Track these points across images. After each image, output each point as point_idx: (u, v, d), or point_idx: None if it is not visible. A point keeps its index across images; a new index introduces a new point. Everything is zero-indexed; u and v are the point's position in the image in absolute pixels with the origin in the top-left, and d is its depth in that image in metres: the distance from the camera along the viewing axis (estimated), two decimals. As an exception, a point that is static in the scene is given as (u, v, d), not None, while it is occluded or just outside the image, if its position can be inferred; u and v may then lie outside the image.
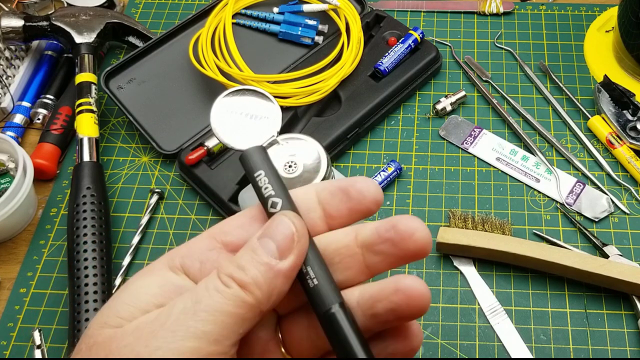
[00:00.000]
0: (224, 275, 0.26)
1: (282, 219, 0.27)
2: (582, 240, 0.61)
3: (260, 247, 0.26)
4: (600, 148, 0.68)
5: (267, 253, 0.26)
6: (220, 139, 0.49)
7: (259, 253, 0.26)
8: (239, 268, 0.26)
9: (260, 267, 0.26)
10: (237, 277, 0.26)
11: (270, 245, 0.26)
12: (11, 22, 0.72)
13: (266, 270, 0.26)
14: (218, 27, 0.72)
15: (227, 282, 0.26)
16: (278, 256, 0.26)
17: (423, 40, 0.72)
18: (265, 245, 0.26)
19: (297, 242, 0.27)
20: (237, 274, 0.26)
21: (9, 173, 0.64)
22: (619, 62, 0.74)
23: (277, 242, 0.27)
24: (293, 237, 0.27)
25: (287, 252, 0.27)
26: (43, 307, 0.60)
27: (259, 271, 0.26)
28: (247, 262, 0.26)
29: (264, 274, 0.26)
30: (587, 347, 0.56)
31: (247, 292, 0.26)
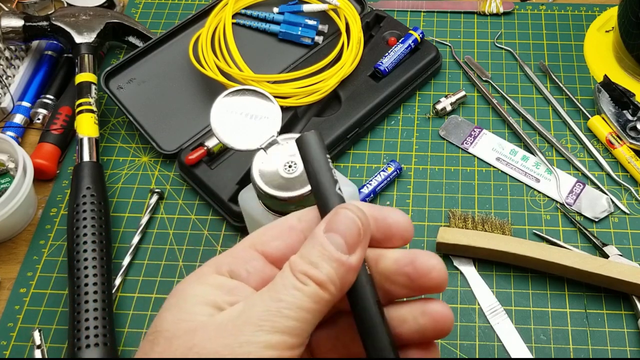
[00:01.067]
0: (299, 273, 0.27)
1: (346, 212, 0.28)
2: (582, 240, 0.61)
3: (328, 243, 0.27)
4: (600, 148, 0.68)
5: (336, 248, 0.27)
6: (220, 139, 0.49)
7: (329, 249, 0.27)
8: (312, 265, 0.27)
9: (332, 264, 0.27)
10: (313, 274, 0.27)
11: (338, 241, 0.27)
12: (11, 22, 0.72)
13: (338, 266, 0.27)
14: (218, 27, 0.72)
15: (304, 280, 0.27)
16: (347, 251, 0.27)
17: (423, 40, 0.72)
18: (334, 240, 0.27)
19: (363, 237, 0.28)
20: (312, 272, 0.27)
21: (9, 173, 0.64)
22: (619, 62, 0.74)
23: (345, 237, 0.27)
24: (359, 231, 0.28)
25: (354, 247, 0.27)
26: (43, 307, 0.60)
27: (332, 267, 0.27)
28: (319, 258, 0.27)
29: (336, 269, 0.27)
30: (587, 347, 0.56)
31: (324, 289, 0.27)
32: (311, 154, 0.30)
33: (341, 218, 0.28)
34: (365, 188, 0.64)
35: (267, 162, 0.47)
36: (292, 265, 0.27)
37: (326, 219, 0.28)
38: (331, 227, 0.28)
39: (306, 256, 0.27)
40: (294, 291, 0.26)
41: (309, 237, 0.28)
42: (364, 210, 0.28)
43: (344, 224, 0.27)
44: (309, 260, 0.27)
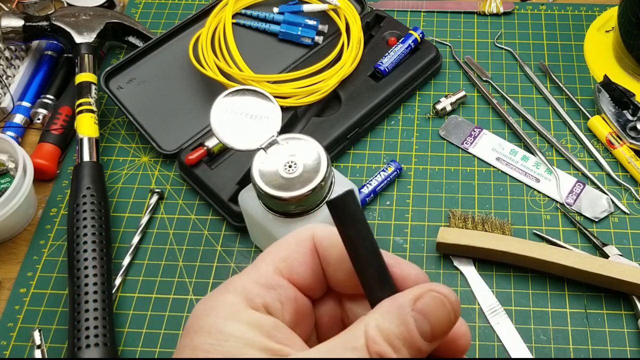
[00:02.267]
0: (376, 354, 0.24)
1: (443, 301, 0.25)
2: (582, 240, 0.61)
3: (415, 328, 0.25)
4: (600, 148, 0.68)
5: (422, 336, 0.25)
6: (220, 139, 0.49)
7: (415, 336, 0.25)
8: (392, 348, 0.24)
9: (411, 351, 0.25)
10: (389, 357, 0.24)
11: (426, 328, 0.25)
12: (11, 22, 0.72)
13: (416, 354, 0.25)
14: (218, 27, 0.72)
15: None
16: (430, 339, 0.25)
17: (423, 40, 0.72)
18: (422, 326, 0.25)
19: (450, 329, 0.26)
20: (390, 356, 0.24)
21: (9, 173, 0.64)
22: (619, 62, 0.74)
23: (434, 327, 0.25)
24: (450, 324, 0.25)
25: (438, 338, 0.25)
26: (43, 307, 0.60)
27: (409, 354, 0.25)
28: (401, 342, 0.25)
29: (412, 356, 0.25)
30: (587, 347, 0.56)
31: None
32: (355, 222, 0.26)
33: (436, 303, 0.25)
34: (365, 188, 0.64)
35: (267, 162, 0.47)
36: (369, 340, 0.24)
37: (416, 294, 0.25)
38: (423, 309, 0.25)
39: (387, 333, 0.24)
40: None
41: (391, 302, 0.25)
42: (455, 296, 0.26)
43: (439, 313, 0.25)
44: (389, 340, 0.24)
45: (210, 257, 0.62)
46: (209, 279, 0.61)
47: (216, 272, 0.61)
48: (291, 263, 0.28)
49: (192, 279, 0.61)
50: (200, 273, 0.61)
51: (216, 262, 0.62)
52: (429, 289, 0.25)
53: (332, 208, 0.26)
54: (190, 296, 0.60)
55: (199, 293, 0.60)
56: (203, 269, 0.61)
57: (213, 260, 0.62)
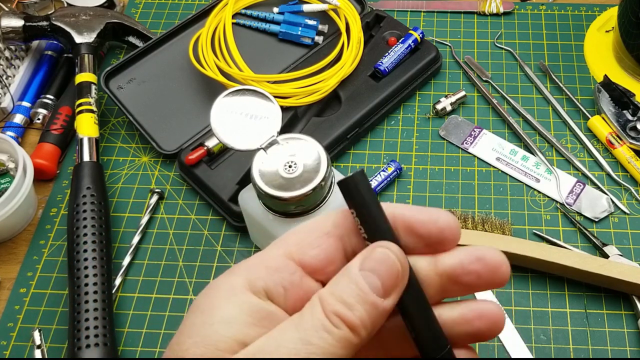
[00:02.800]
0: (332, 314, 0.25)
1: (387, 253, 0.26)
2: (582, 240, 0.61)
3: (365, 284, 0.25)
4: (600, 148, 0.68)
5: (372, 290, 0.25)
6: (220, 139, 0.49)
7: (365, 290, 0.25)
8: (346, 306, 0.25)
9: (366, 306, 0.25)
10: (346, 317, 0.25)
11: (375, 282, 0.25)
12: (11, 22, 0.72)
13: (372, 309, 0.25)
14: (218, 27, 0.72)
15: (336, 323, 0.25)
16: (382, 294, 0.25)
17: (423, 40, 0.72)
18: (371, 281, 0.25)
19: (401, 281, 0.26)
20: (345, 314, 0.25)
21: (9, 173, 0.64)
22: (619, 62, 0.74)
23: (382, 279, 0.25)
24: (398, 275, 0.26)
25: (390, 290, 0.26)
26: (43, 307, 0.60)
27: (365, 311, 0.25)
28: (353, 299, 0.25)
29: (370, 313, 0.25)
30: (587, 347, 0.56)
31: (355, 334, 0.25)
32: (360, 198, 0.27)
33: (380, 257, 0.26)
34: (365, 188, 0.64)
35: (267, 162, 0.47)
36: (323, 303, 0.25)
37: (362, 255, 0.26)
38: (368, 265, 0.26)
39: (339, 294, 0.25)
40: (325, 334, 0.25)
41: (342, 270, 0.26)
42: (404, 254, 0.26)
43: (383, 266, 0.26)
44: (342, 299, 0.25)
45: (210, 257, 0.62)
46: (209, 279, 0.61)
47: (216, 272, 0.61)
48: (304, 246, 0.27)
49: (192, 279, 0.61)
50: (200, 273, 0.61)
51: (216, 262, 0.62)
52: (375, 246, 0.26)
53: (343, 188, 0.27)
54: (190, 296, 0.60)
55: (199, 293, 0.60)
56: (203, 269, 0.61)
57: (213, 260, 0.62)
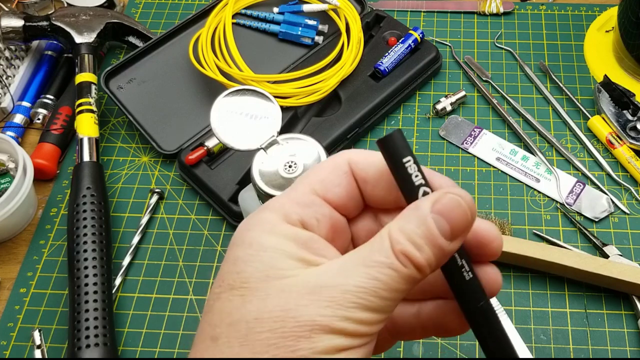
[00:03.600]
0: (401, 253, 0.26)
1: (458, 200, 0.27)
2: (582, 240, 0.61)
3: (435, 227, 0.26)
4: (600, 148, 0.68)
5: (441, 234, 0.27)
6: (220, 139, 0.49)
7: (434, 233, 0.26)
8: (415, 247, 0.26)
9: (434, 249, 0.26)
10: (414, 257, 0.26)
11: (445, 227, 0.27)
12: (11, 22, 0.72)
13: (439, 251, 0.27)
14: (218, 27, 0.72)
15: (404, 262, 0.26)
16: (450, 237, 0.27)
17: (423, 40, 0.72)
18: (441, 225, 0.27)
19: (468, 228, 0.27)
20: (414, 255, 0.26)
21: (9, 173, 0.64)
22: (619, 62, 0.74)
23: (452, 225, 0.27)
24: (467, 222, 0.27)
25: (457, 235, 0.27)
26: (43, 307, 0.60)
27: (432, 253, 0.26)
28: (422, 240, 0.26)
29: (436, 255, 0.27)
30: (587, 347, 0.56)
31: (421, 272, 0.26)
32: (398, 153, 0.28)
33: (452, 204, 0.27)
34: (365, 188, 0.64)
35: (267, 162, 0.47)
36: (393, 241, 0.26)
37: (434, 198, 0.27)
38: (441, 209, 0.27)
39: (409, 233, 0.26)
40: (392, 272, 0.26)
41: (411, 208, 0.27)
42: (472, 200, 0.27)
43: (455, 212, 0.27)
44: (411, 239, 0.26)
45: (210, 257, 0.62)
46: (209, 279, 0.61)
47: (216, 272, 0.61)
48: (327, 184, 0.29)
49: (192, 279, 0.61)
50: (200, 273, 0.61)
51: (216, 262, 0.62)
52: (446, 191, 0.27)
53: (382, 145, 0.28)
54: (190, 296, 0.60)
55: (199, 293, 0.60)
56: (203, 269, 0.61)
57: (213, 260, 0.62)
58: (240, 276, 0.27)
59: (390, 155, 0.28)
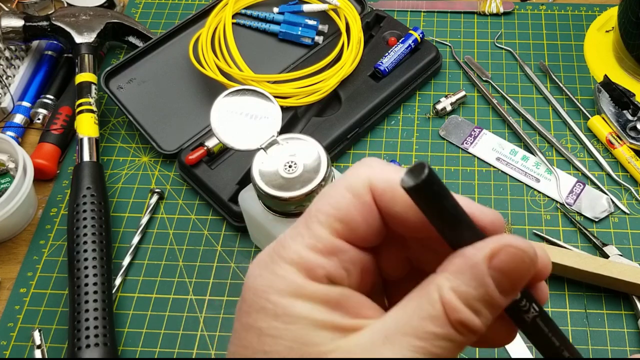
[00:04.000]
0: (458, 323, 0.23)
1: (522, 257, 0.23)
2: (582, 240, 0.61)
3: (495, 289, 0.23)
4: (600, 148, 0.68)
5: (502, 294, 0.23)
6: (220, 139, 0.49)
7: (495, 297, 0.23)
8: (473, 312, 0.23)
9: (492, 310, 0.23)
10: (472, 325, 0.23)
11: (506, 286, 0.23)
12: (11, 22, 0.72)
13: (496, 311, 0.24)
14: (218, 27, 0.72)
15: (463, 332, 0.23)
16: (510, 295, 0.24)
17: (423, 40, 0.72)
18: (502, 285, 0.23)
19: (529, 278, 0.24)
20: (472, 322, 0.23)
21: (9, 173, 0.64)
22: (619, 62, 0.74)
23: (513, 284, 0.23)
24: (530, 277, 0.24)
25: (517, 291, 0.24)
26: (43, 307, 0.60)
27: (491, 314, 0.23)
28: (480, 304, 0.23)
29: (494, 315, 0.24)
30: (587, 347, 0.56)
31: (477, 336, 0.23)
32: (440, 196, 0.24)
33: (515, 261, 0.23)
34: (365, 188, 0.64)
35: (267, 162, 0.47)
36: (447, 308, 0.23)
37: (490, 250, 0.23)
38: (500, 266, 0.23)
39: (465, 297, 0.23)
40: (448, 343, 0.23)
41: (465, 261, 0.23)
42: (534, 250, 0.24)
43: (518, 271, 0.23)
44: (469, 303, 0.23)
45: (210, 257, 0.62)
46: (209, 279, 0.61)
47: (216, 272, 0.61)
48: (349, 222, 0.25)
49: (192, 279, 0.61)
50: (200, 273, 0.61)
51: (216, 262, 0.62)
52: (505, 244, 0.23)
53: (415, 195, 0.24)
54: (190, 296, 0.60)
55: (199, 293, 0.60)
56: (203, 269, 0.61)
57: (213, 260, 0.62)
58: (270, 356, 0.23)
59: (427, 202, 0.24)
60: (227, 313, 0.59)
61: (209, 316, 0.58)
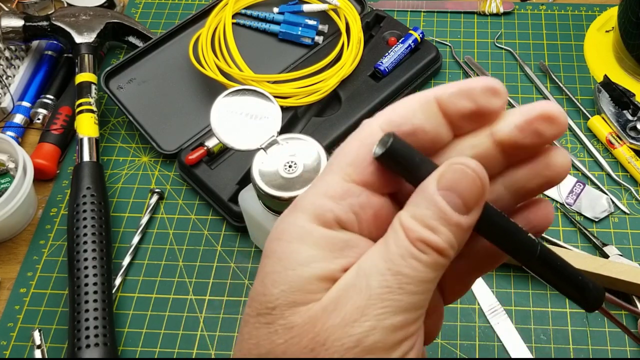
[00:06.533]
0: (417, 240, 0.24)
1: (465, 170, 0.24)
2: (582, 240, 0.61)
3: (445, 204, 0.24)
4: (600, 148, 0.68)
5: (454, 209, 0.24)
6: (220, 139, 0.49)
7: (446, 211, 0.24)
8: (430, 230, 0.24)
9: (451, 227, 0.24)
10: (432, 242, 0.24)
11: (456, 201, 0.24)
12: (11, 22, 0.72)
13: (456, 229, 0.24)
14: (218, 27, 0.72)
15: (423, 249, 0.24)
16: (465, 211, 0.24)
17: (423, 40, 0.72)
18: (452, 200, 0.24)
19: (483, 194, 0.25)
20: (432, 239, 0.24)
21: (9, 173, 0.64)
22: (619, 62, 0.74)
23: (464, 198, 0.24)
24: (479, 189, 0.24)
25: (473, 206, 0.25)
26: (43, 307, 0.60)
27: (451, 232, 0.24)
28: (436, 221, 0.24)
29: (455, 233, 0.24)
30: (587, 347, 0.56)
31: (444, 256, 0.24)
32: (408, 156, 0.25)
33: (459, 176, 0.24)
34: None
35: (267, 162, 0.47)
36: (406, 230, 0.24)
37: (437, 173, 0.24)
38: (446, 184, 0.24)
39: (421, 218, 0.24)
40: (413, 262, 0.24)
41: (417, 191, 0.25)
42: (482, 166, 0.25)
43: (464, 183, 0.24)
44: (424, 223, 0.24)
45: (210, 257, 0.62)
46: (209, 279, 0.61)
47: (216, 272, 0.61)
48: (359, 165, 0.26)
49: (192, 279, 0.61)
50: (200, 273, 0.61)
51: (216, 262, 0.62)
52: (450, 162, 0.24)
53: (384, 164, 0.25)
54: (190, 296, 0.60)
55: (199, 293, 0.60)
56: (203, 269, 0.61)
57: (213, 260, 0.62)
58: (266, 299, 0.25)
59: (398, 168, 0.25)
60: (227, 313, 0.59)
61: (209, 316, 0.58)
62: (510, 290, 0.59)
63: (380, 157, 0.25)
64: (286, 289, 0.25)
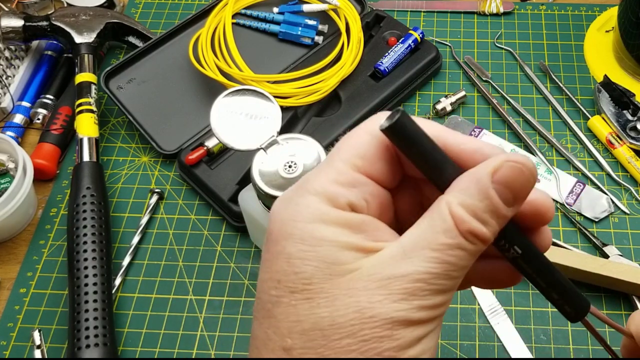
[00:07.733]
0: (468, 232, 0.25)
1: (521, 169, 0.26)
2: (582, 240, 0.61)
3: (499, 200, 0.25)
4: (600, 148, 0.68)
5: (506, 204, 0.26)
6: (220, 139, 0.49)
7: (499, 207, 0.26)
8: (482, 223, 0.25)
9: (499, 220, 0.26)
10: (482, 234, 0.25)
11: (508, 197, 0.26)
12: (11, 22, 0.72)
13: (502, 221, 0.26)
14: (218, 27, 0.72)
15: (473, 240, 0.25)
16: (512, 205, 0.26)
17: (423, 40, 0.72)
18: (504, 195, 0.25)
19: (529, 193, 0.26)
20: (481, 231, 0.25)
21: (9, 173, 0.64)
22: (619, 62, 0.74)
23: (515, 195, 0.26)
24: (530, 189, 0.26)
25: (520, 202, 0.26)
26: (43, 307, 0.60)
27: (497, 224, 0.26)
28: (487, 215, 0.25)
29: (500, 225, 0.26)
30: (587, 347, 0.56)
31: (486, 244, 0.26)
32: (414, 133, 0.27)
33: (515, 173, 0.25)
34: (365, 188, 0.64)
35: (267, 162, 0.47)
36: (457, 220, 0.25)
37: (492, 167, 0.26)
38: (501, 179, 0.25)
39: (473, 209, 0.25)
40: (460, 252, 0.25)
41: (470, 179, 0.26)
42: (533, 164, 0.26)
43: (519, 181, 0.26)
44: (476, 215, 0.25)
45: (210, 257, 0.62)
46: (209, 279, 0.61)
47: (216, 272, 0.61)
48: (368, 159, 0.27)
49: (192, 279, 0.61)
50: (200, 273, 0.61)
51: (216, 262, 0.62)
52: (505, 159, 0.26)
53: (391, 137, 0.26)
54: (190, 296, 0.60)
55: (199, 293, 0.60)
56: (203, 269, 0.61)
57: (213, 260, 0.62)
58: (300, 277, 0.25)
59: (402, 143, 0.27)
60: (227, 313, 0.59)
61: (208, 316, 0.58)
62: (510, 290, 0.59)
63: (386, 130, 0.26)
64: (319, 264, 0.25)
